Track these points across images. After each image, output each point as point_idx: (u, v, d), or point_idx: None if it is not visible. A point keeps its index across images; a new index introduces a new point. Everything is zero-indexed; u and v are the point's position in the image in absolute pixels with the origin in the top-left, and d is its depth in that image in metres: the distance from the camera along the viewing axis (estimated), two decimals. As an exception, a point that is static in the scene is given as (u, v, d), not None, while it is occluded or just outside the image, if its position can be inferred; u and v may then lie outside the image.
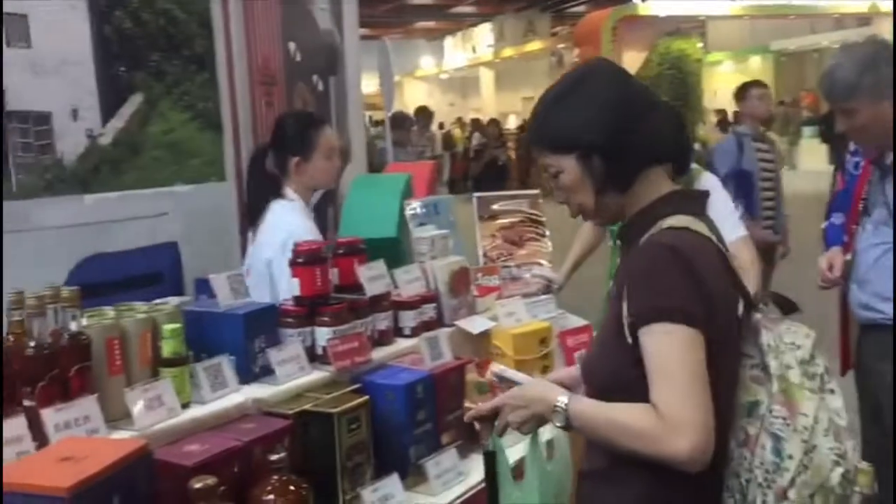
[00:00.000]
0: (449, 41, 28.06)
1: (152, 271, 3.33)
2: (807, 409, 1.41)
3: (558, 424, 1.52)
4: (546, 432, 1.72)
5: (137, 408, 1.59)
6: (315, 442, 1.76)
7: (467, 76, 29.13)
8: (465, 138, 20.56)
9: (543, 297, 2.55)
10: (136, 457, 1.39)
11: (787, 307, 1.60)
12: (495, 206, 2.60)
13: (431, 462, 1.91)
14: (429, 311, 2.25)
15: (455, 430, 2.04)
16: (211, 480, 1.43)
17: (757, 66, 22.10)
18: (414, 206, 2.45)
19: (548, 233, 2.67)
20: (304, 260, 2.01)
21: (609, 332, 1.51)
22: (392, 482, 1.81)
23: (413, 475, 1.91)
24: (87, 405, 1.52)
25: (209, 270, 2.39)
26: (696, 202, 1.56)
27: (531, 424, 1.59)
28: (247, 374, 1.86)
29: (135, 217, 3.33)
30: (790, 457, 1.39)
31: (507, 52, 23.97)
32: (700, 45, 17.13)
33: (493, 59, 25.32)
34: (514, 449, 1.75)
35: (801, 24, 20.78)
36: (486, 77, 26.93)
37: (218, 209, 3.76)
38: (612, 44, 16.72)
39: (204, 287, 2.29)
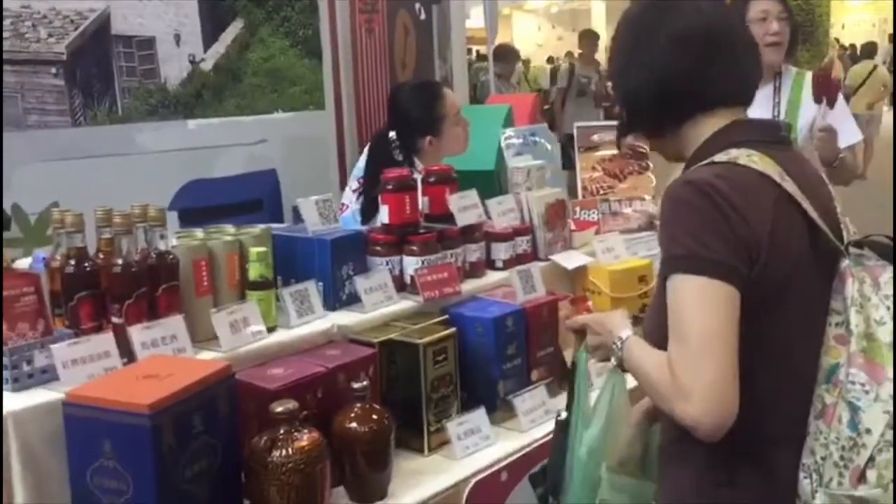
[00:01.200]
0: (559, -27, 27.22)
1: (252, 198, 3.37)
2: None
3: (614, 363, 1.42)
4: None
5: (223, 329, 1.59)
6: (400, 372, 1.73)
7: (577, 9, 28.26)
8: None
9: (645, 233, 2.42)
10: (218, 378, 1.38)
11: (894, 252, 1.29)
12: (596, 137, 2.47)
13: (520, 398, 1.86)
14: (522, 243, 2.17)
15: (545, 367, 1.98)
16: (292, 405, 1.42)
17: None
18: (511, 136, 2.35)
19: (651, 165, 2.53)
20: (394, 186, 1.95)
21: (658, 283, 1.36)
22: (478, 416, 1.77)
23: (501, 410, 1.86)
24: (174, 324, 1.53)
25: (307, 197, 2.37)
26: (763, 131, 1.35)
27: (602, 353, 1.48)
28: (334, 301, 1.83)
29: (236, 143, 3.36)
30: (868, 431, 1.17)
31: (620, -17, 23.09)
32: (829, -26, 16.09)
33: (604, -9, 24.46)
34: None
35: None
36: (598, 10, 26.06)
37: (317, 137, 3.75)
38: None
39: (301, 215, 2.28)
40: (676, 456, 1.38)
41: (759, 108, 2.83)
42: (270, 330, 1.69)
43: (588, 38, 8.72)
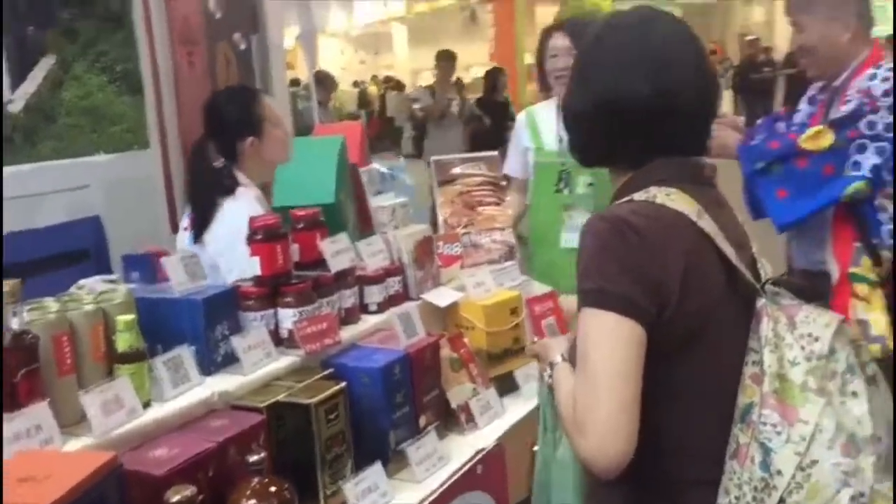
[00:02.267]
0: (359, -4, 27.43)
1: (77, 248, 3.10)
2: (807, 415, 1.18)
3: (547, 389, 1.42)
4: None
5: (94, 411, 1.42)
6: (290, 435, 1.62)
7: (379, 32, 28.60)
8: (380, 96, 20.22)
9: (507, 263, 2.44)
10: (105, 471, 1.23)
11: (809, 291, 1.33)
12: (454, 170, 2.47)
13: (412, 447, 1.79)
14: (394, 284, 2.11)
15: (432, 411, 1.93)
16: (190, 491, 1.28)
17: (665, 19, 22.31)
18: (370, 173, 2.29)
19: (508, 197, 2.55)
20: (264, 236, 1.84)
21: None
22: (375, 472, 1.69)
23: (393, 461, 1.79)
24: (39, 413, 1.34)
25: (136, 245, 2.20)
26: (685, 171, 1.34)
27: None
28: (209, 365, 1.69)
29: (54, 190, 3.08)
30: (779, 472, 1.17)
31: (420, 7, 23.59)
32: (611, -2, 17.22)
33: (405, 15, 24.91)
34: None
35: (705, -24, 21.08)
36: (399, 33, 26.50)
37: (143, 179, 3.51)
38: (524, -2, 16.62)
39: (133, 264, 2.10)
40: (594, 497, 1.38)
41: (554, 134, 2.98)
42: (145, 405, 1.53)
43: (444, 59, 8.36)
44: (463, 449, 1.92)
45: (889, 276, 2.34)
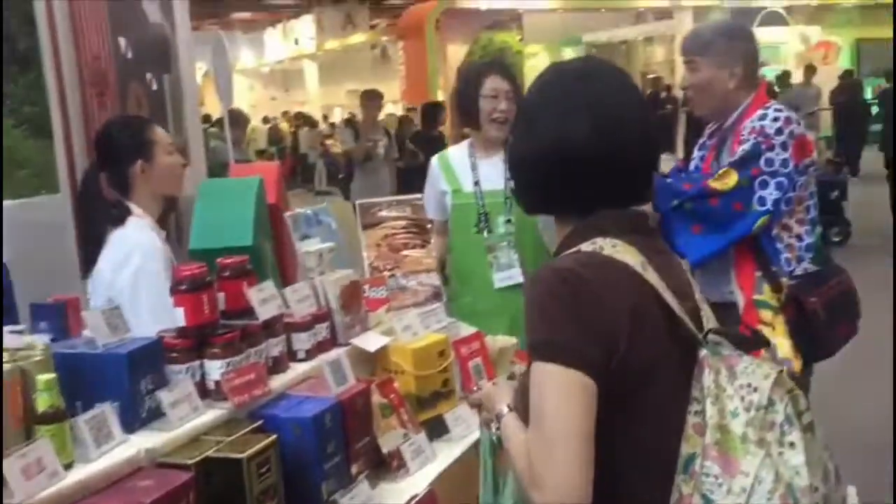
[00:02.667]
0: (269, 33, 27.34)
1: (-20, 298, 2.95)
2: (747, 467, 1.20)
3: (495, 441, 1.42)
4: None
5: (14, 476, 1.35)
6: (220, 492, 1.58)
7: (289, 69, 28.52)
8: (292, 132, 20.12)
9: (433, 306, 2.44)
10: (28, 543, 1.17)
11: (751, 341, 1.39)
12: (379, 213, 2.47)
13: (345, 498, 1.77)
14: (322, 330, 2.09)
15: (364, 459, 1.91)
16: (119, 559, 1.23)
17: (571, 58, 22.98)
18: (296, 218, 2.27)
19: (433, 239, 2.57)
20: (189, 286, 1.80)
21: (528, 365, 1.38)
22: (308, 526, 1.66)
23: (326, 514, 1.76)
24: (-48, 482, 1.27)
25: (45, 294, 2.12)
26: (630, 221, 1.38)
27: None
28: (133, 422, 1.63)
29: (-45, 238, 2.93)
30: None
31: (331, 44, 23.64)
32: (519, 38, 17.63)
33: (315, 52, 24.90)
34: None
35: (608, 17, 21.82)
36: (310, 70, 26.47)
37: (51, 225, 3.39)
38: (435, 37, 16.87)
39: (42, 313, 2.02)
40: None
41: (494, 175, 3.06)
42: (67, 467, 1.46)
43: (369, 99, 8.21)
44: (395, 496, 1.90)
45: (789, 300, 2.47)
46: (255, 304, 1.89)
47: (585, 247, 1.32)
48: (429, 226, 2.54)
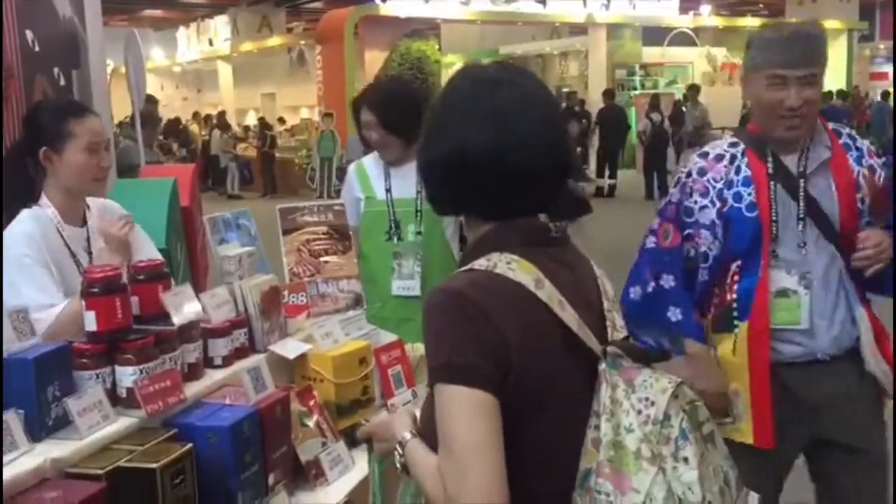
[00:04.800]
0: (182, 32, 26.73)
1: None
2: (638, 484, 1.19)
3: (398, 468, 1.37)
4: None
5: None
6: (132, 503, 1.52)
7: (203, 69, 27.94)
8: (202, 135, 19.67)
9: (354, 312, 2.42)
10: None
11: (652, 354, 1.33)
12: (300, 218, 2.42)
13: (263, 509, 1.72)
14: (240, 336, 2.04)
15: (281, 468, 1.86)
16: (23, 575, 1.17)
17: (488, 69, 23.21)
18: (214, 221, 2.21)
19: (353, 247, 2.54)
20: (101, 289, 1.72)
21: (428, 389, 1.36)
22: (223, 538, 1.61)
23: (242, 525, 1.71)
24: None
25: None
26: (527, 235, 1.34)
27: (392, 459, 1.42)
28: (39, 430, 1.56)
29: None
30: None
31: (246, 46, 23.27)
32: (437, 47, 17.71)
33: (230, 54, 24.46)
34: None
35: (524, 30, 22.17)
36: (225, 71, 25.96)
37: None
38: (354, 43, 16.79)
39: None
40: None
41: (405, 184, 3.07)
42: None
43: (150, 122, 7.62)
44: (313, 506, 1.86)
45: None
46: (170, 308, 1.82)
47: (479, 263, 1.30)
48: (350, 231, 2.51)
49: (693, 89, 15.97)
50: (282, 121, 21.72)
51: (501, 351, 1.23)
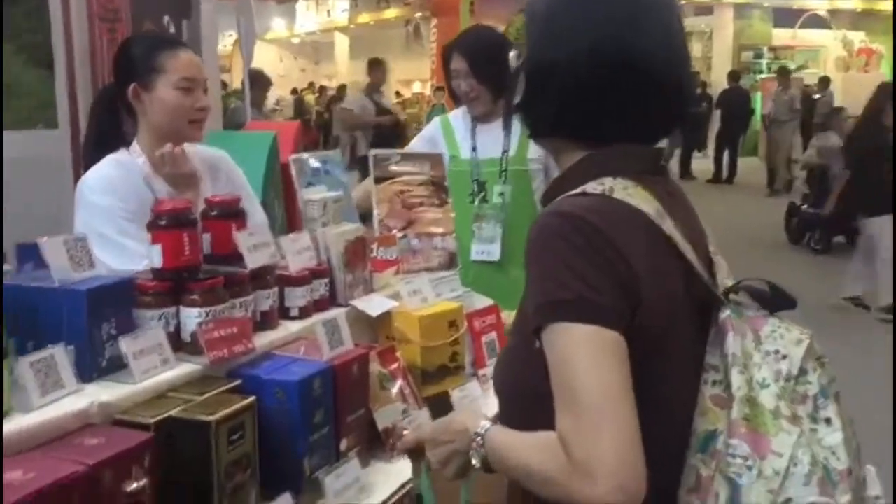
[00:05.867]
0: (301, 4, 27.08)
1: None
2: (780, 447, 1.04)
3: (476, 466, 1.17)
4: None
5: (-69, 422, 1.13)
6: (183, 459, 1.35)
7: (320, 41, 28.27)
8: (319, 106, 19.92)
9: (447, 273, 2.21)
10: (-77, 503, 0.95)
11: (777, 302, 1.16)
12: (393, 167, 2.23)
13: (331, 476, 1.54)
14: (320, 287, 1.86)
15: (356, 433, 1.68)
16: (41, 529, 1.01)
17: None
18: (300, 164, 2.04)
19: (450, 200, 2.33)
20: (169, 221, 1.57)
21: (517, 331, 1.19)
22: (283, 505, 1.43)
23: (308, 492, 1.54)
24: None
25: (36, 235, 1.90)
26: (642, 160, 1.19)
27: (455, 464, 1.23)
28: (90, 371, 1.41)
29: (-59, 166, 2.73)
30: None
31: (363, 17, 23.38)
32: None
33: (348, 25, 24.64)
34: None
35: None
36: (341, 43, 26.20)
37: (48, 161, 3.17)
38: (469, 17, 16.56)
39: (29, 255, 1.81)
40: None
41: (492, 142, 2.87)
42: (3, 415, 1.24)
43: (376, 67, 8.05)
44: (388, 478, 1.67)
45: None
46: (243, 249, 1.66)
47: (591, 187, 1.13)
48: (447, 184, 2.30)
49: (823, 81, 15.09)
50: (397, 94, 21.75)
51: (631, 285, 1.06)
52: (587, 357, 1.01)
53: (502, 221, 2.79)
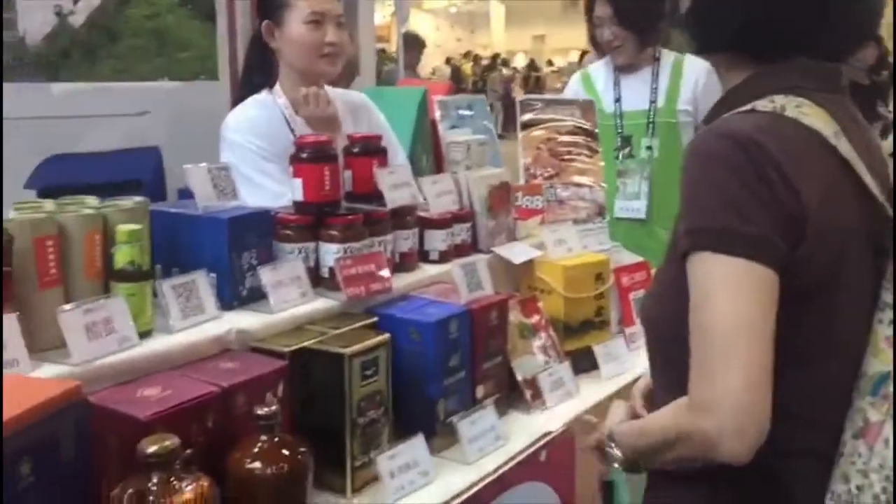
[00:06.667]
0: (459, -28, 27.12)
1: (129, 178, 2.88)
2: None
3: (616, 466, 1.13)
4: None
5: (76, 334, 1.16)
6: (317, 390, 1.34)
7: (476, 11, 28.22)
8: (474, 74, 19.96)
9: (594, 224, 2.10)
10: (60, 404, 0.96)
11: None
12: (542, 113, 2.14)
13: (466, 421, 1.49)
14: (461, 232, 1.81)
15: (493, 381, 1.62)
16: (170, 441, 1.01)
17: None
18: (444, 107, 1.98)
19: (601, 148, 2.21)
20: (310, 155, 1.55)
21: (667, 262, 1.10)
22: (415, 445, 1.39)
23: (440, 436, 1.49)
24: (4, 327, 1.09)
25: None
26: (819, 77, 1.07)
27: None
28: (231, 298, 1.42)
29: (111, 114, 2.87)
30: None
31: (520, -14, 23.14)
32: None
33: (504, -6, 24.47)
34: None
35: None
36: (497, 12, 26.06)
37: (209, 112, 3.28)
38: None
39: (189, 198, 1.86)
40: (680, 479, 1.09)
41: (638, 94, 2.70)
42: (144, 335, 1.26)
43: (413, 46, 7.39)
44: (526, 430, 1.61)
45: None
46: (384, 187, 1.62)
47: (762, 105, 1.02)
48: (596, 130, 2.18)
49: None
50: (549, 63, 21.46)
51: (797, 217, 0.97)
52: (723, 291, 0.95)
53: (648, 177, 2.64)
